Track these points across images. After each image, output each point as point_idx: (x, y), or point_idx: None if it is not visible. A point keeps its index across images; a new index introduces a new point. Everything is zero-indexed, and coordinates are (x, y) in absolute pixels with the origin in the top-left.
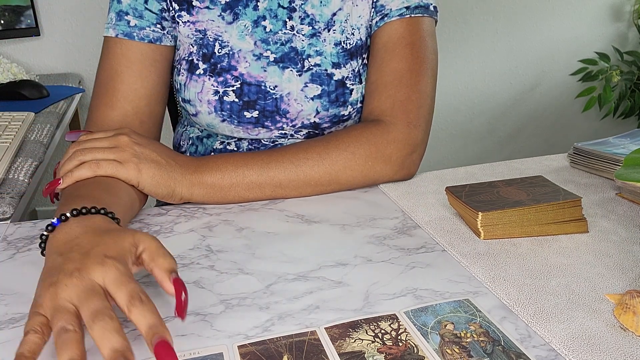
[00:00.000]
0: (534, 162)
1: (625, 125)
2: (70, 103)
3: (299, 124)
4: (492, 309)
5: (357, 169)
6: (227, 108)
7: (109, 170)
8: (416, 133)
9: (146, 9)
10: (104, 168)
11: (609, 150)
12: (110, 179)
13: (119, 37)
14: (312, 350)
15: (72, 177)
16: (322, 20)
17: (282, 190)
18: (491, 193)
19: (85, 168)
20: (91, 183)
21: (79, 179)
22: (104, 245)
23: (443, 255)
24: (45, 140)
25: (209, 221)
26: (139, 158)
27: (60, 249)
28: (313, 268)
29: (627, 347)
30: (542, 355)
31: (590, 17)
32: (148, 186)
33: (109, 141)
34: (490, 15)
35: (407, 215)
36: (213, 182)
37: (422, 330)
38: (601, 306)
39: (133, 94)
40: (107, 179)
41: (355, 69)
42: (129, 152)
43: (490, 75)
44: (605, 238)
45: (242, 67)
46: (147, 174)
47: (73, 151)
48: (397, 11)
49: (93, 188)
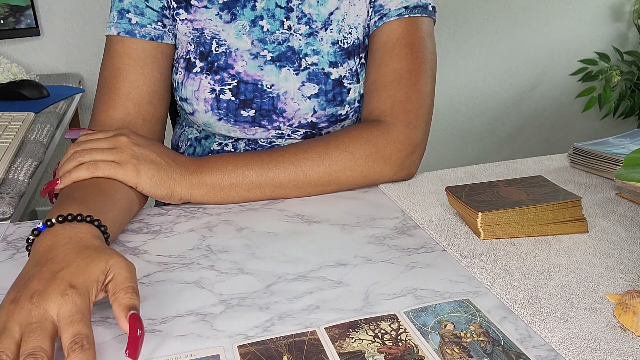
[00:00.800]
0: (534, 162)
1: (625, 125)
2: (70, 103)
3: (296, 124)
4: (492, 309)
5: (357, 169)
6: (224, 106)
7: (107, 172)
8: (416, 133)
9: (147, 7)
10: (102, 169)
11: (609, 150)
12: (108, 181)
13: (121, 35)
14: (312, 350)
15: (69, 177)
16: (319, 20)
17: (282, 190)
18: (491, 193)
19: (83, 169)
20: (88, 185)
21: (76, 179)
22: (74, 268)
23: (443, 255)
24: (45, 140)
25: (209, 221)
26: (138, 159)
27: (37, 258)
28: (313, 268)
29: (627, 347)
30: (542, 355)
31: (590, 17)
32: (147, 187)
33: (108, 142)
34: (490, 15)
35: (407, 215)
36: (213, 183)
37: (422, 330)
38: (601, 306)
39: (135, 92)
40: (105, 181)
41: (353, 68)
42: (128, 153)
43: (490, 75)
44: (605, 238)
45: (239, 65)
46: (146, 175)
47: (72, 152)
48: (396, 11)
49: (89, 191)
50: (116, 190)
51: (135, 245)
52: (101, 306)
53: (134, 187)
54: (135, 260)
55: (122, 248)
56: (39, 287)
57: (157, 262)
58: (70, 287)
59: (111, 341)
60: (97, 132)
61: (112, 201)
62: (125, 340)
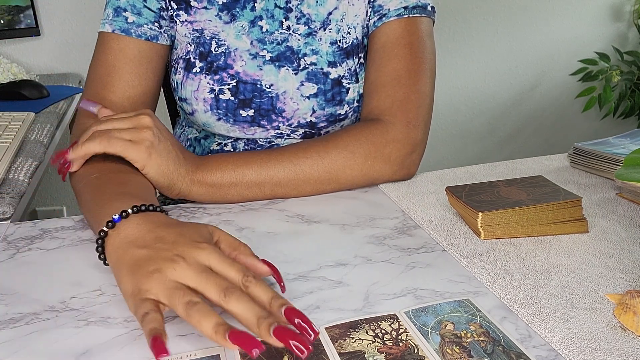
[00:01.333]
0: (534, 162)
1: (625, 125)
2: (70, 103)
3: (295, 123)
4: (492, 309)
5: (357, 168)
6: (223, 106)
7: (118, 149)
8: (415, 133)
9: (145, 7)
10: (114, 146)
11: (609, 150)
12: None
13: (116, 33)
14: (312, 350)
15: (81, 148)
16: (318, 20)
17: (282, 189)
18: (491, 193)
19: (96, 142)
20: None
21: (87, 151)
22: (188, 235)
23: (443, 255)
24: (45, 140)
25: (209, 221)
26: (154, 142)
27: (139, 243)
28: (313, 268)
29: (627, 347)
30: (542, 355)
31: (590, 17)
32: (152, 172)
33: (130, 121)
34: (490, 15)
35: (407, 215)
36: (212, 181)
37: (423, 330)
38: (601, 306)
39: (131, 91)
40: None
41: (352, 67)
42: (147, 133)
43: (490, 75)
44: (605, 238)
45: (238, 65)
46: (155, 161)
47: (92, 129)
48: (395, 11)
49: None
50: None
51: None
52: (101, 306)
53: (140, 169)
54: None
55: None
56: (173, 253)
57: None
58: (201, 243)
59: (111, 341)
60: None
61: (150, 191)
62: (126, 341)
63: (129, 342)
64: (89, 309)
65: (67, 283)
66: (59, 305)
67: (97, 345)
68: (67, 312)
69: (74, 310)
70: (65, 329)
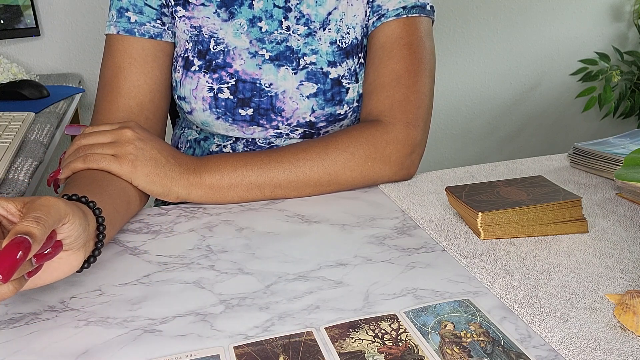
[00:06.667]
0: (534, 162)
1: (625, 125)
2: (71, 103)
3: (295, 123)
4: (492, 309)
5: (357, 169)
6: (222, 105)
7: (102, 164)
8: (415, 133)
9: (146, 5)
10: (97, 162)
11: (609, 150)
12: (110, 177)
13: (120, 34)
14: (308, 350)
15: (68, 168)
16: (318, 20)
17: (282, 190)
18: (491, 193)
19: (80, 161)
20: (91, 182)
21: (74, 170)
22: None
23: (443, 255)
24: (45, 140)
25: (209, 221)
26: (137, 154)
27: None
28: (313, 268)
29: (627, 347)
30: (542, 355)
31: (590, 17)
32: (142, 183)
33: (112, 134)
34: (490, 15)
35: (407, 215)
36: (212, 183)
37: (422, 330)
38: (601, 306)
39: (137, 90)
40: (106, 177)
41: (351, 67)
42: (129, 147)
43: (490, 75)
44: (605, 238)
45: (237, 64)
46: (142, 171)
47: (77, 143)
48: (394, 11)
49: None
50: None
51: (135, 245)
52: (101, 306)
53: (129, 182)
54: (136, 260)
55: (122, 248)
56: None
57: (157, 262)
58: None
59: (111, 341)
60: (104, 124)
61: (107, 194)
62: (126, 341)
63: (128, 342)
64: (89, 309)
65: (67, 283)
66: (58, 305)
67: (96, 345)
68: (66, 312)
69: (73, 310)
70: (65, 329)
